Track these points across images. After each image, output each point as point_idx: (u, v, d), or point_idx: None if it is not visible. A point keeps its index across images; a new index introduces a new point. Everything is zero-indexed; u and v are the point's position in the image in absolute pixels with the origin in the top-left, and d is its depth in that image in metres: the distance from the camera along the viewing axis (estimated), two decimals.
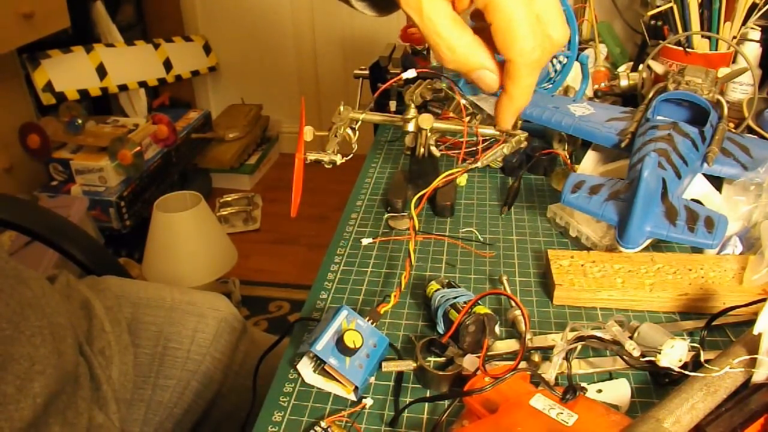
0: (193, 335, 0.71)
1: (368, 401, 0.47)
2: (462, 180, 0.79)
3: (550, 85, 0.87)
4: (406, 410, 0.46)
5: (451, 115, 0.80)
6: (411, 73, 0.69)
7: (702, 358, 0.43)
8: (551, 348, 0.49)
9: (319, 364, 0.49)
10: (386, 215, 0.73)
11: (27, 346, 0.51)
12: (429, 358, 0.51)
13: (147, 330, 0.70)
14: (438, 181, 0.64)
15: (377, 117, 0.71)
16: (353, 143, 0.65)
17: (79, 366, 0.59)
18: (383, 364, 0.49)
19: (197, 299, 0.75)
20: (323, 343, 0.47)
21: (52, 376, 0.52)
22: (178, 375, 0.69)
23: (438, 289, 0.55)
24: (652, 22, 0.98)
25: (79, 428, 0.55)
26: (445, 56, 0.38)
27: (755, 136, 0.76)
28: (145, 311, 0.71)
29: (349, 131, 0.65)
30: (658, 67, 0.85)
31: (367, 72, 1.00)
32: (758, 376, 0.40)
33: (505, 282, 0.59)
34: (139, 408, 0.67)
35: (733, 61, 0.93)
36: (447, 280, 0.56)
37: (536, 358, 0.49)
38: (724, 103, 0.71)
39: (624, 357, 0.47)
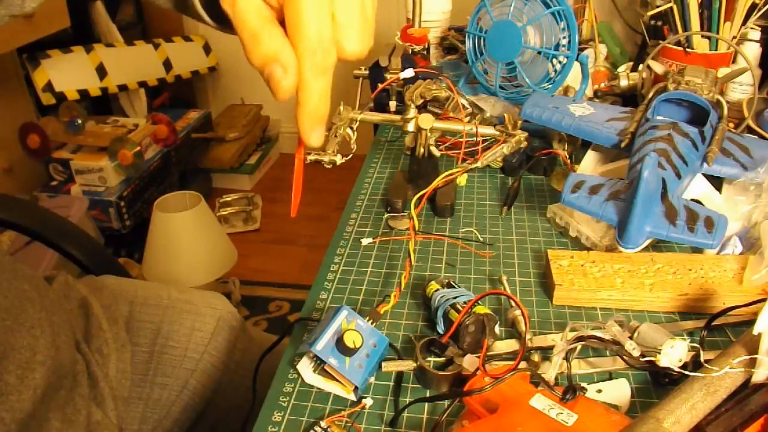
0: (191, 333, 0.71)
1: (368, 401, 0.47)
2: (462, 180, 0.79)
3: (550, 85, 0.87)
4: (406, 410, 0.46)
5: (451, 115, 0.80)
6: (409, 73, 0.69)
7: (702, 358, 0.43)
8: (551, 348, 0.49)
9: (319, 364, 0.49)
10: (386, 215, 0.73)
11: (27, 337, 0.52)
12: (429, 358, 0.51)
13: (144, 328, 0.70)
14: (438, 181, 0.64)
15: (377, 117, 0.71)
16: (352, 143, 0.65)
17: (77, 364, 0.60)
18: (383, 364, 0.49)
19: (195, 298, 0.75)
20: (323, 343, 0.47)
21: (51, 367, 0.53)
22: (176, 373, 0.69)
23: (438, 289, 0.55)
24: (652, 22, 0.98)
25: (77, 425, 0.55)
26: (248, 45, 0.35)
27: (755, 136, 0.76)
28: (142, 309, 0.71)
29: (349, 131, 0.65)
30: (658, 67, 0.85)
31: (366, 72, 1.00)
32: (758, 376, 0.40)
33: (505, 282, 0.59)
34: (137, 406, 0.67)
35: (733, 61, 0.93)
36: (447, 280, 0.56)
37: (536, 358, 0.49)
38: (724, 103, 0.71)
39: (624, 357, 0.47)
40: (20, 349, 0.51)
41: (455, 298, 0.52)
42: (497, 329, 0.52)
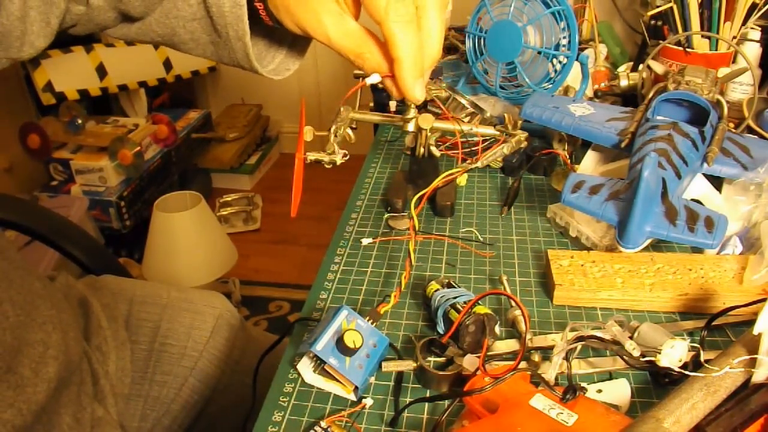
0: (190, 332, 0.72)
1: (368, 401, 0.47)
2: (462, 180, 0.79)
3: (550, 85, 0.87)
4: (406, 410, 0.46)
5: (451, 115, 0.79)
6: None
7: (702, 358, 0.43)
8: (551, 348, 0.49)
9: (319, 364, 0.49)
10: (386, 215, 0.73)
11: (40, 333, 0.53)
12: (429, 358, 0.51)
13: (143, 326, 0.70)
14: (438, 181, 0.64)
15: (377, 117, 0.71)
16: (351, 142, 0.65)
17: (82, 361, 0.60)
18: (383, 364, 0.49)
19: (194, 297, 0.76)
20: (323, 343, 0.47)
21: (63, 362, 0.54)
22: (175, 371, 0.69)
23: (438, 289, 0.55)
24: (652, 22, 0.98)
25: (83, 422, 0.56)
26: (357, 62, 0.42)
27: (755, 136, 0.76)
28: (141, 308, 0.72)
29: (349, 131, 0.65)
30: (658, 67, 0.85)
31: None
32: (758, 376, 0.40)
33: (505, 282, 0.59)
34: (137, 403, 0.67)
35: (733, 61, 0.93)
36: (447, 280, 0.56)
37: (536, 358, 0.49)
38: (724, 103, 0.71)
39: (624, 357, 0.47)
40: (34, 343, 0.52)
41: (455, 298, 0.52)
42: (497, 329, 0.52)
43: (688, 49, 0.91)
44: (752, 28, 0.92)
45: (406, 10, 0.39)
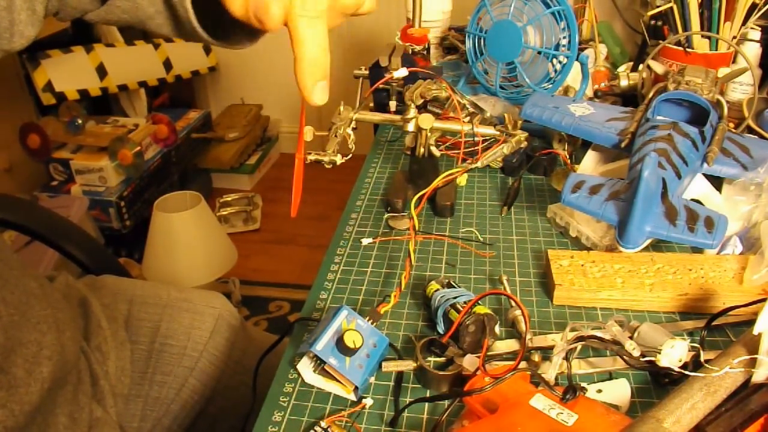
0: (189, 332, 0.72)
1: (368, 401, 0.47)
2: (462, 180, 0.78)
3: (550, 85, 0.87)
4: (406, 410, 0.46)
5: (451, 115, 0.80)
6: (403, 72, 0.69)
7: (702, 358, 0.43)
8: (551, 348, 0.49)
9: (319, 364, 0.49)
10: (386, 215, 0.73)
11: (34, 332, 0.53)
12: (429, 358, 0.51)
13: (143, 327, 0.70)
14: (438, 181, 0.64)
15: (377, 117, 0.71)
16: (350, 143, 0.65)
17: (79, 361, 0.60)
18: (383, 364, 0.49)
19: (193, 297, 0.76)
20: (323, 343, 0.47)
21: (57, 363, 0.54)
22: (175, 371, 0.69)
23: (438, 289, 0.55)
24: (652, 22, 0.98)
25: (81, 422, 0.56)
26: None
27: (755, 136, 0.76)
28: (141, 308, 0.72)
29: (349, 131, 0.65)
30: (658, 67, 0.85)
31: (366, 72, 0.99)
32: (758, 376, 0.40)
33: (505, 282, 0.59)
34: (136, 403, 0.67)
35: (733, 61, 0.93)
36: (447, 280, 0.56)
37: (536, 358, 0.49)
38: (724, 103, 0.71)
39: (624, 357, 0.47)
40: (27, 343, 0.52)
41: (455, 298, 0.52)
42: (497, 329, 0.52)
43: (688, 49, 0.91)
44: (752, 28, 0.92)
45: (313, 6, 0.34)
